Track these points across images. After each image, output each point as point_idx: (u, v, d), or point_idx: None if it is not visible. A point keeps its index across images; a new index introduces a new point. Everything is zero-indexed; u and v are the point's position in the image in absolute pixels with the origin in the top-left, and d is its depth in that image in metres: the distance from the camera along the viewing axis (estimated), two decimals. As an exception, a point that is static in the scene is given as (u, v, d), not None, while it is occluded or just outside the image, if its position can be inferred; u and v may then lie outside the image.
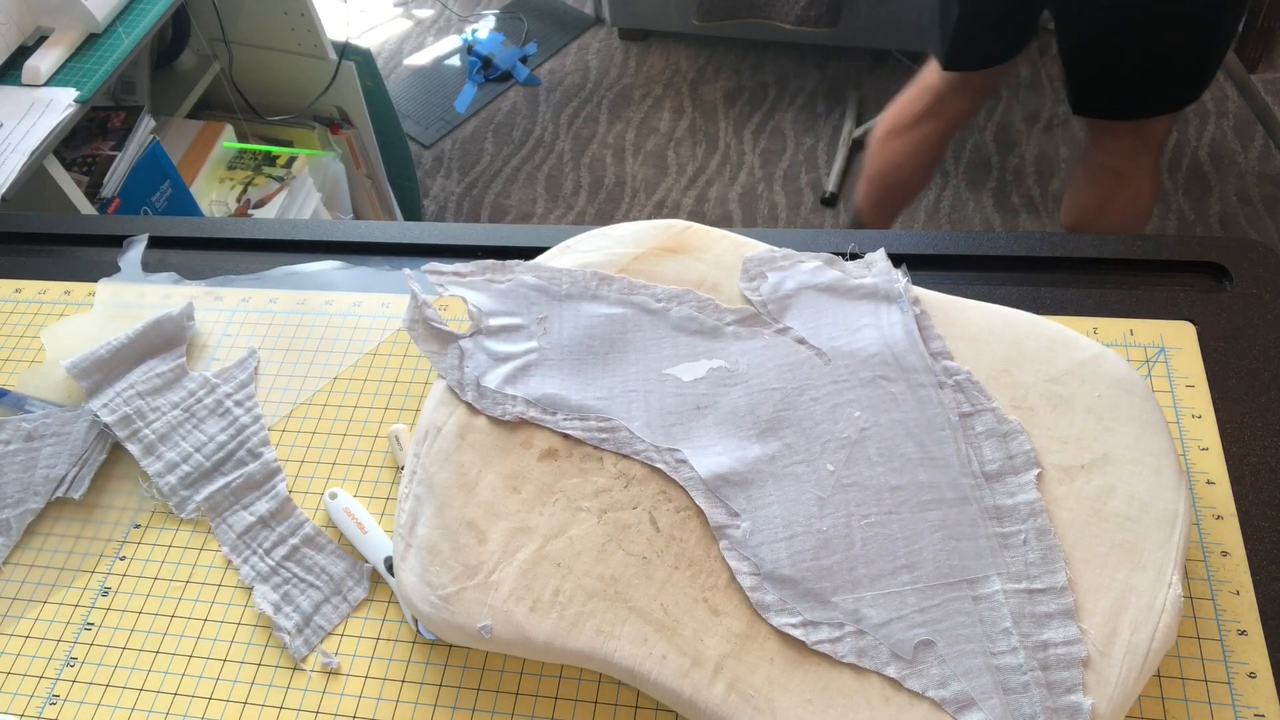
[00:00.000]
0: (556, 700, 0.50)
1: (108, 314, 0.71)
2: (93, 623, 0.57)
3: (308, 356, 0.68)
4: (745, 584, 0.49)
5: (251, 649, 0.54)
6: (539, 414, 0.56)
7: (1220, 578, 0.50)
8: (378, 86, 1.81)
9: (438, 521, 0.53)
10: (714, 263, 0.64)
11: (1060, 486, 0.51)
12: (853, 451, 0.54)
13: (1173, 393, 0.58)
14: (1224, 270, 0.64)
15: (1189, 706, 0.47)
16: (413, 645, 0.54)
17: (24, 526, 0.61)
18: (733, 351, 0.59)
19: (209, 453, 0.62)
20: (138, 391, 0.64)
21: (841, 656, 0.47)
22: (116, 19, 1.45)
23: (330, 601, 0.55)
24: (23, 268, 0.77)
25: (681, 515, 0.52)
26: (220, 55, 1.87)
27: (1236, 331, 0.60)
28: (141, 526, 0.60)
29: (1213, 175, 2.00)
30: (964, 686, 0.45)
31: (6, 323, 0.73)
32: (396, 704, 0.51)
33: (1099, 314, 0.62)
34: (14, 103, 1.32)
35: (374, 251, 0.75)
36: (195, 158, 1.75)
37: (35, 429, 0.64)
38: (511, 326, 0.61)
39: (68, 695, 0.54)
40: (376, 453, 0.62)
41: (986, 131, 2.20)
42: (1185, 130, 2.08)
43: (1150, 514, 0.49)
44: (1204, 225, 1.91)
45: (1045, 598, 0.47)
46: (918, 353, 0.57)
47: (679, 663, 0.47)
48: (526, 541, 0.52)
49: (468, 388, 0.58)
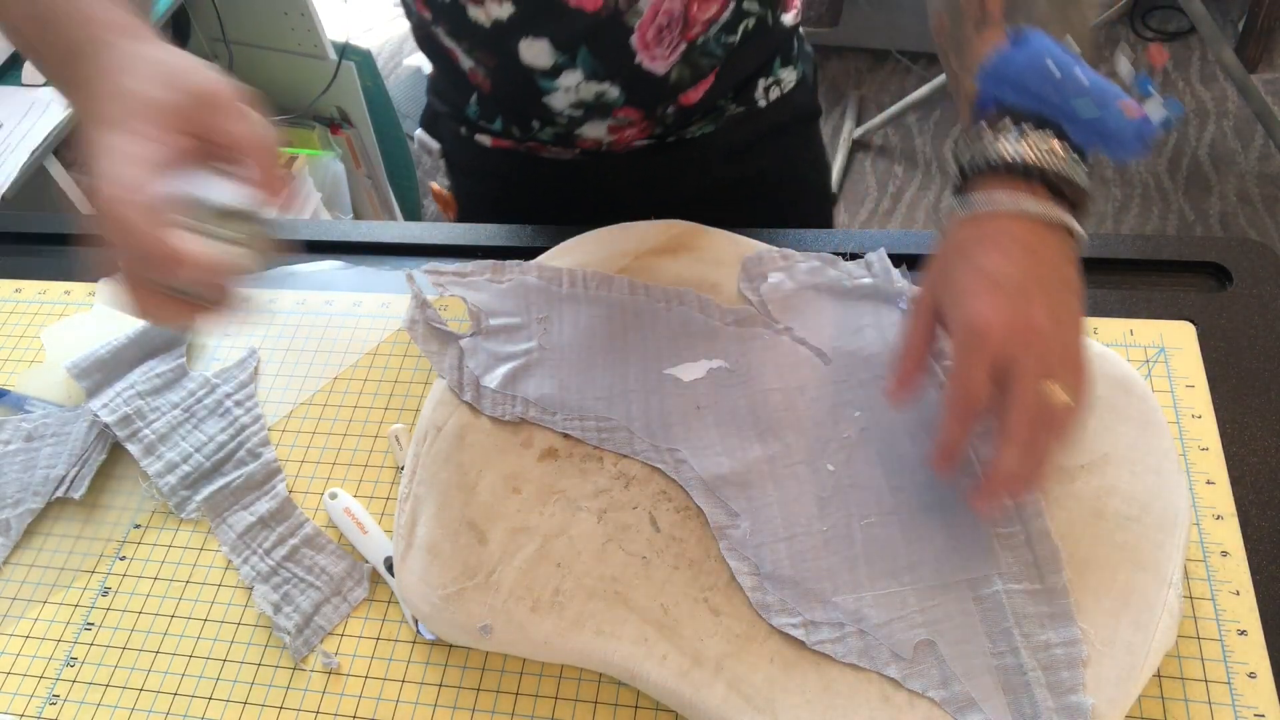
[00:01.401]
0: (556, 700, 0.50)
1: (108, 314, 0.71)
2: (93, 623, 0.57)
3: (308, 356, 0.68)
4: (745, 584, 0.49)
5: (251, 649, 0.54)
6: (539, 414, 0.56)
7: (1220, 578, 0.50)
8: (378, 86, 1.81)
9: (438, 521, 0.53)
10: (714, 263, 0.64)
11: (1060, 486, 0.51)
12: (853, 452, 0.54)
13: (1173, 393, 0.58)
14: (1224, 270, 0.64)
15: (1189, 706, 0.47)
16: (413, 645, 0.53)
17: (24, 526, 0.61)
18: (733, 351, 0.59)
19: (209, 453, 0.62)
20: (138, 391, 0.64)
21: (842, 657, 0.47)
22: (116, 19, 1.44)
23: (330, 601, 0.55)
24: (23, 268, 0.77)
25: (681, 515, 0.52)
26: (220, 55, 1.87)
27: (1236, 331, 0.60)
28: (141, 526, 0.60)
29: (1213, 175, 2.00)
30: (964, 687, 0.45)
31: (6, 323, 0.73)
32: (396, 704, 0.51)
33: (1099, 314, 0.62)
34: (14, 103, 1.32)
35: (374, 251, 0.75)
36: (195, 158, 1.75)
37: (35, 429, 0.64)
38: (511, 326, 0.61)
39: (68, 695, 0.54)
40: (376, 453, 0.62)
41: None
42: (1185, 130, 2.08)
43: (1150, 514, 0.49)
44: (1204, 225, 1.91)
45: (1045, 598, 0.47)
46: (918, 353, 0.57)
47: (679, 663, 0.47)
48: (526, 541, 0.52)
49: (468, 388, 0.58)
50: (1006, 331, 0.42)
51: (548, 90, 0.71)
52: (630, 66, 0.69)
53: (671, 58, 0.70)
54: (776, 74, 0.79)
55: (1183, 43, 2.22)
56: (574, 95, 0.71)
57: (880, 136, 2.21)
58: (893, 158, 2.17)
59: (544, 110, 0.73)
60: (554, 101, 0.72)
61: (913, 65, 2.34)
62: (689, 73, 0.71)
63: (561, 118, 0.74)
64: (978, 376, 0.43)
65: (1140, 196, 1.96)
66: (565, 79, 0.70)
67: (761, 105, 0.79)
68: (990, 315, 0.42)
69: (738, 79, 0.76)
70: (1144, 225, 1.91)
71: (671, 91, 0.72)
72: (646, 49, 0.68)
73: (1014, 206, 0.45)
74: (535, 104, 0.73)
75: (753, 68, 0.77)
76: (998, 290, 0.43)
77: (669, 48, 0.69)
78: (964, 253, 0.45)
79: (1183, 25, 2.22)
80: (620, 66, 0.69)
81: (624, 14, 0.66)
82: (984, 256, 0.44)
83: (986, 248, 0.44)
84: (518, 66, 0.69)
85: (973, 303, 0.43)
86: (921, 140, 2.19)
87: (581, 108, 0.72)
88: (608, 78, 0.70)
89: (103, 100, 0.44)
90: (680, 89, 0.73)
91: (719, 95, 0.75)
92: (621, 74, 0.70)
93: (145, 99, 0.43)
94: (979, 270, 0.44)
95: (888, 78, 2.33)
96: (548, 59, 0.68)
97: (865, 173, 2.15)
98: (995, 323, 0.42)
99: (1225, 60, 1.76)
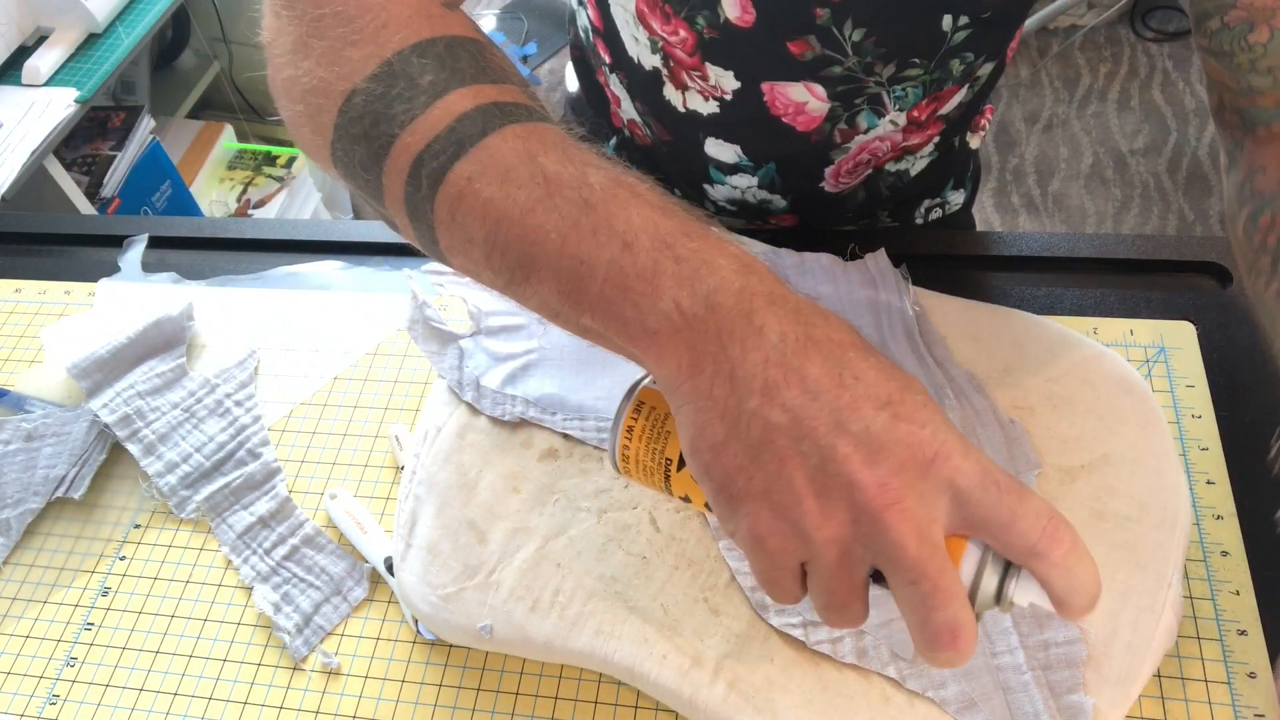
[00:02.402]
0: (556, 700, 0.50)
1: (108, 314, 0.71)
2: (93, 623, 0.57)
3: (308, 356, 0.68)
4: (745, 584, 0.49)
5: (251, 649, 0.54)
6: (539, 414, 0.56)
7: (1220, 578, 0.50)
8: (378, 86, 1.81)
9: (438, 521, 0.53)
10: (714, 263, 0.64)
11: (1060, 486, 0.51)
12: (853, 451, 0.53)
13: (1173, 393, 0.58)
14: (1224, 270, 0.64)
15: (1189, 706, 0.47)
16: (413, 645, 0.53)
17: (24, 526, 0.61)
18: (733, 351, 0.58)
19: (209, 453, 0.62)
20: (138, 391, 0.64)
21: (842, 656, 0.47)
22: (116, 19, 1.45)
23: (330, 601, 0.55)
24: (23, 268, 0.77)
25: (681, 515, 0.52)
26: (220, 55, 1.87)
27: (1236, 331, 0.60)
28: (141, 526, 0.60)
29: (1213, 175, 2.00)
30: (964, 686, 0.45)
31: (6, 323, 0.73)
32: (396, 704, 0.51)
33: (1099, 314, 0.62)
34: (14, 103, 1.32)
35: (374, 251, 0.75)
36: (195, 158, 1.75)
37: (35, 429, 0.64)
38: (511, 326, 0.61)
39: (68, 695, 0.54)
40: (376, 453, 0.62)
41: (987, 131, 2.19)
42: (1185, 130, 2.08)
43: (1150, 514, 0.49)
44: (1204, 225, 1.91)
45: (1045, 598, 0.47)
46: (918, 353, 0.57)
47: (679, 663, 0.47)
48: (526, 541, 0.52)
49: (468, 388, 0.58)
50: None
51: (715, 181, 0.67)
52: (812, 190, 0.65)
53: (853, 183, 0.66)
54: (945, 196, 0.74)
55: (1183, 43, 2.22)
56: (737, 195, 0.67)
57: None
58: (893, 158, 2.17)
59: (697, 193, 0.68)
60: (713, 192, 0.67)
61: (913, 65, 2.34)
62: (863, 195, 0.68)
63: (709, 204, 0.69)
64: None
65: (1140, 196, 1.96)
66: (738, 179, 0.65)
67: (919, 224, 0.74)
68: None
69: (905, 197, 0.71)
70: (1144, 225, 1.91)
71: (839, 210, 0.69)
72: (835, 179, 0.65)
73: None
74: (692, 186, 0.68)
75: (925, 189, 0.71)
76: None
77: (855, 176, 0.66)
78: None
79: (1183, 25, 2.22)
80: (801, 187, 0.65)
81: (832, 149, 0.61)
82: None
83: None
84: (696, 152, 0.64)
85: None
86: (921, 140, 2.19)
87: (738, 205, 0.68)
88: (781, 191, 0.66)
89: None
90: (849, 209, 0.69)
91: (879, 206, 0.70)
92: (796, 190, 0.66)
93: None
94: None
95: (888, 78, 2.33)
96: (731, 158, 0.64)
97: (865, 173, 2.15)
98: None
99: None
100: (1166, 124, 2.12)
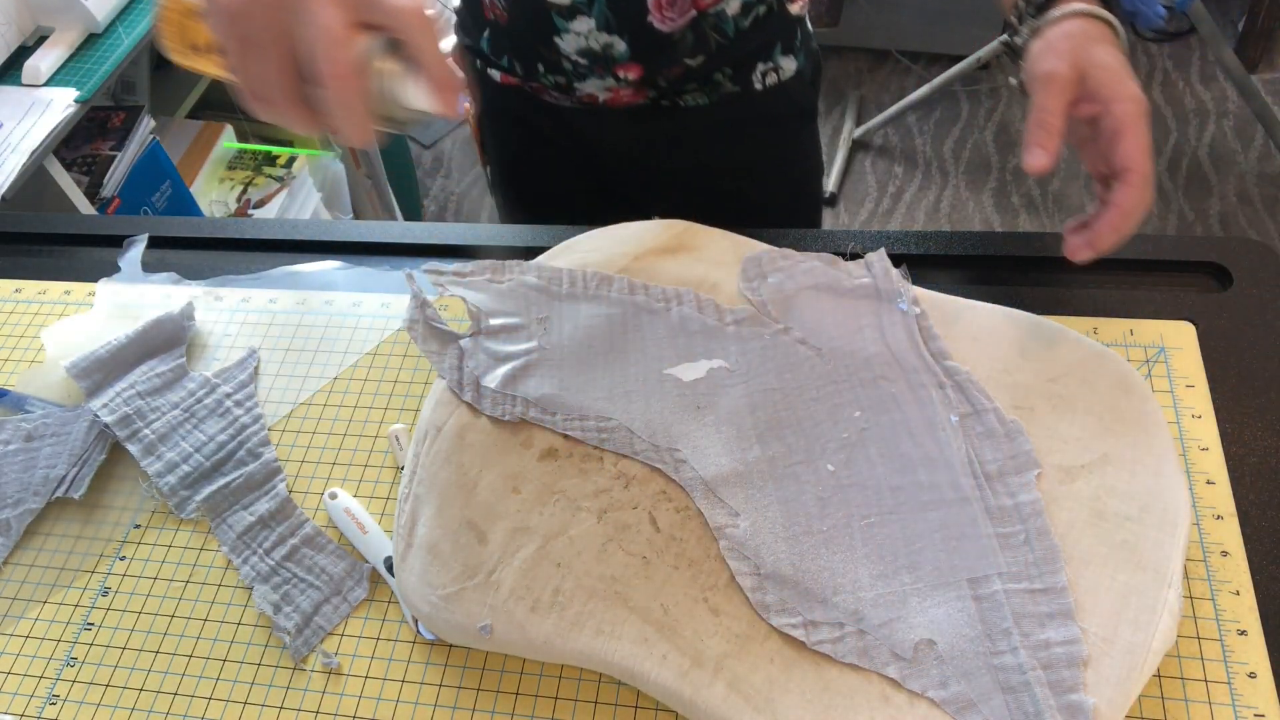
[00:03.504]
0: (556, 700, 0.50)
1: (108, 314, 0.71)
2: (93, 623, 0.57)
3: (308, 356, 0.68)
4: (745, 584, 0.49)
5: (251, 649, 0.54)
6: (539, 414, 0.56)
7: (1220, 578, 0.50)
8: (378, 86, 1.81)
9: (438, 521, 0.53)
10: (714, 263, 0.64)
11: (1060, 486, 0.51)
12: (853, 452, 0.54)
13: (1173, 393, 0.58)
14: (1224, 270, 0.64)
15: (1189, 706, 0.47)
16: (413, 645, 0.54)
17: (24, 526, 0.61)
18: (733, 351, 0.59)
19: (209, 453, 0.62)
20: (138, 391, 0.64)
21: (842, 656, 0.47)
22: (116, 19, 1.45)
23: (330, 601, 0.55)
24: (23, 268, 0.77)
25: (681, 515, 0.52)
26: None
27: (1236, 331, 0.60)
28: (141, 526, 0.60)
29: (1213, 175, 2.00)
30: (964, 686, 0.45)
31: (6, 323, 0.73)
32: (396, 704, 0.51)
33: (1099, 314, 0.62)
34: (14, 103, 1.32)
35: (374, 251, 0.75)
36: (195, 158, 1.75)
37: (35, 429, 0.64)
38: (511, 326, 0.61)
39: (68, 695, 0.54)
40: (376, 453, 0.62)
41: (986, 131, 2.20)
42: (1185, 130, 2.08)
43: (1150, 514, 0.49)
44: (1204, 225, 1.91)
45: (1045, 597, 0.47)
46: (918, 353, 0.57)
47: (679, 663, 0.47)
48: (526, 541, 0.52)
49: (468, 388, 0.58)
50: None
51: (560, 30, 0.76)
52: (640, 23, 0.74)
53: (680, 21, 0.75)
54: (776, 60, 0.82)
55: (1183, 43, 2.22)
56: (583, 42, 0.76)
57: (880, 136, 2.21)
58: (893, 158, 2.17)
59: (552, 52, 0.78)
60: (563, 44, 0.77)
61: (913, 65, 2.34)
62: (692, 38, 0.76)
63: (566, 63, 0.78)
64: (1145, 132, 0.54)
65: (1140, 196, 1.96)
66: (578, 24, 0.75)
67: (757, 89, 0.82)
68: (1139, 93, 0.54)
69: (737, 56, 0.80)
70: (1144, 225, 1.91)
71: (674, 53, 0.77)
72: (659, 9, 0.74)
73: (1094, 11, 0.57)
74: (545, 43, 0.77)
75: (754, 48, 0.80)
76: (1129, 74, 0.55)
77: (679, 11, 0.74)
78: (1087, 40, 0.55)
79: (1182, 25, 2.22)
80: (630, 20, 0.74)
81: None
82: (1101, 48, 0.55)
83: (1097, 40, 0.56)
84: (540, 8, 0.74)
85: (1130, 83, 0.54)
86: (921, 140, 2.19)
87: (587, 57, 0.77)
88: (618, 31, 0.75)
89: None
90: (682, 53, 0.77)
91: (717, 67, 0.80)
92: (630, 28, 0.75)
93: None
94: (1112, 58, 0.55)
95: (888, 78, 2.33)
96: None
97: (865, 173, 2.15)
98: (1142, 99, 0.54)
99: (1225, 60, 1.76)
100: (1166, 124, 2.12)
